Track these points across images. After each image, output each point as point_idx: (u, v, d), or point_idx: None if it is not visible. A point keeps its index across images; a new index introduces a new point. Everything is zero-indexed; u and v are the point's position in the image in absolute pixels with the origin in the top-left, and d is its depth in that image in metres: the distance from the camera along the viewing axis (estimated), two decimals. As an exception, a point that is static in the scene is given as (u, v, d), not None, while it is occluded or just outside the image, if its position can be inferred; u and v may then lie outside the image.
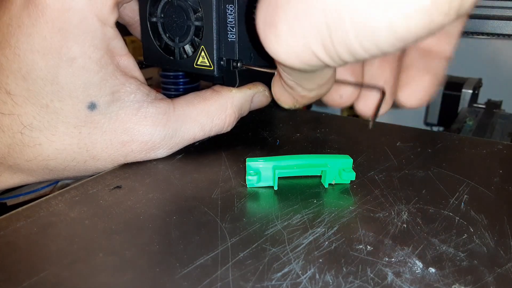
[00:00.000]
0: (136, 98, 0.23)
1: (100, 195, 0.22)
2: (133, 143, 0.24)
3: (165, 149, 0.25)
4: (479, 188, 0.23)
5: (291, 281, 0.16)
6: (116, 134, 0.23)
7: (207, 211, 0.20)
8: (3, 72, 0.21)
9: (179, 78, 0.42)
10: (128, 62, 0.24)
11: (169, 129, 0.24)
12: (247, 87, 0.28)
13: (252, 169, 0.23)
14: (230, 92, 0.27)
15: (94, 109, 0.22)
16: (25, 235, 0.18)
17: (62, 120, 0.22)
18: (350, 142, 0.30)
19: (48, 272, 0.16)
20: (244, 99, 0.27)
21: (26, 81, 0.21)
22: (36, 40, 0.20)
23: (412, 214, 0.20)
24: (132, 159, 0.24)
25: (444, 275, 0.16)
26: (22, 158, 0.22)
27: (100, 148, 0.23)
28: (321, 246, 0.18)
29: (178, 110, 0.25)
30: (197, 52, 0.27)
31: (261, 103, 0.29)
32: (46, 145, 0.22)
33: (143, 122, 0.23)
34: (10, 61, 0.20)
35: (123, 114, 0.23)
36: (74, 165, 0.23)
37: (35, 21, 0.20)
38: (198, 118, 0.25)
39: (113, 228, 0.19)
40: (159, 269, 0.16)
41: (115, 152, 0.23)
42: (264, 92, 0.29)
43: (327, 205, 0.21)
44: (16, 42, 0.20)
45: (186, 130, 0.25)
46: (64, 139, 0.22)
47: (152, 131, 0.24)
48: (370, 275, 0.16)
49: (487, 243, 0.18)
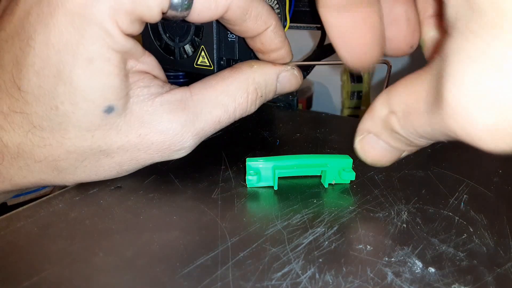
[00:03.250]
0: (151, 91, 0.22)
1: (100, 195, 0.22)
2: (152, 135, 0.22)
3: (190, 137, 0.23)
4: (479, 188, 0.23)
5: (291, 281, 0.16)
6: (132, 129, 0.22)
7: (207, 211, 0.20)
8: (17, 66, 0.19)
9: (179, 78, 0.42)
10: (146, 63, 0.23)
11: (188, 114, 0.22)
12: (271, 64, 0.25)
13: (252, 169, 0.23)
14: (251, 68, 0.24)
15: (111, 112, 0.21)
16: (25, 235, 0.18)
17: (74, 124, 0.20)
18: (350, 142, 0.30)
19: (48, 272, 0.16)
20: (268, 76, 0.25)
21: (38, 77, 0.19)
22: (52, 32, 0.19)
23: (412, 214, 0.20)
24: (156, 153, 0.23)
25: (444, 275, 0.16)
26: (32, 159, 0.21)
27: (115, 147, 0.22)
28: (321, 246, 0.18)
29: (196, 95, 0.23)
30: (197, 52, 0.27)
31: (290, 83, 0.26)
32: (56, 147, 0.21)
33: (159, 110, 0.22)
34: (24, 53, 0.19)
35: (138, 108, 0.22)
36: (85, 166, 0.22)
37: (54, 11, 0.18)
38: (218, 99, 0.23)
39: (113, 228, 0.19)
40: (159, 269, 0.16)
41: (133, 147, 0.22)
42: (292, 71, 0.26)
43: (327, 205, 0.21)
44: (33, 33, 0.19)
45: (208, 113, 0.23)
46: (76, 142, 0.21)
47: (171, 118, 0.22)
48: (370, 275, 0.16)
49: (487, 243, 0.18)
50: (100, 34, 0.19)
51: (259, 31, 0.23)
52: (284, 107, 0.38)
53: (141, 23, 0.20)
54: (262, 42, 0.24)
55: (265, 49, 0.24)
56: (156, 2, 0.19)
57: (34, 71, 0.19)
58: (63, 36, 0.19)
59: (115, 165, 0.22)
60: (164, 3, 0.19)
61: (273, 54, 0.25)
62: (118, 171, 0.23)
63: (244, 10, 0.22)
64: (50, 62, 0.19)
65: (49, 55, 0.19)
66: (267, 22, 0.23)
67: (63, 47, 0.19)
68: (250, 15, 0.22)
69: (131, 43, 0.20)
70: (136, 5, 0.19)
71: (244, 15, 0.22)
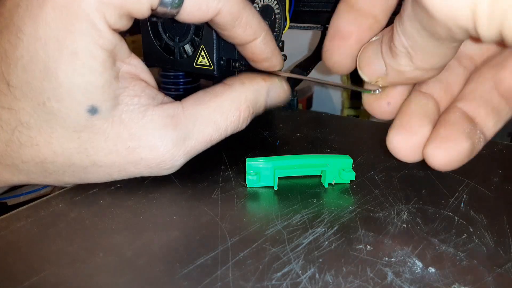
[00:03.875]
0: (141, 102, 0.21)
1: (100, 195, 0.22)
2: (142, 150, 0.21)
3: (181, 155, 0.22)
4: (479, 188, 0.23)
5: (291, 281, 0.16)
6: (121, 139, 0.21)
7: (207, 211, 0.20)
8: (6, 59, 0.19)
9: (179, 78, 0.42)
10: (133, 65, 0.22)
11: (180, 131, 0.22)
12: (261, 79, 0.25)
13: (252, 169, 0.23)
14: (243, 85, 0.24)
15: (95, 114, 0.20)
16: (25, 235, 0.18)
17: (60, 122, 0.20)
18: (350, 142, 0.30)
19: (48, 272, 0.16)
20: (259, 92, 0.25)
21: (26, 72, 0.19)
22: (40, 25, 0.18)
23: (411, 214, 0.20)
24: (145, 169, 0.22)
25: (444, 274, 0.16)
26: (19, 159, 0.21)
27: (103, 154, 0.21)
28: (321, 246, 0.18)
29: (188, 110, 0.23)
30: (197, 52, 0.27)
31: (279, 97, 0.26)
32: (43, 146, 0.20)
33: (150, 126, 0.21)
34: (13, 46, 0.19)
35: (127, 118, 0.21)
36: (72, 171, 0.21)
37: (43, 3, 0.18)
38: (211, 116, 0.23)
39: (113, 228, 0.19)
40: (159, 269, 0.16)
41: (121, 159, 0.21)
42: (281, 84, 0.26)
43: (327, 205, 0.21)
44: (22, 25, 0.19)
45: (200, 131, 0.23)
46: (63, 142, 0.20)
47: (162, 134, 0.21)
48: (370, 275, 0.16)
49: (487, 243, 0.18)
50: (87, 28, 0.19)
51: (248, 40, 0.23)
52: (284, 107, 0.38)
53: (130, 18, 0.20)
54: (253, 51, 0.24)
55: (256, 58, 0.25)
56: None
57: (22, 65, 0.19)
58: (51, 29, 0.18)
59: (104, 174, 0.22)
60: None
61: (264, 64, 0.25)
62: (108, 179, 0.23)
63: (234, 17, 0.22)
64: (37, 56, 0.19)
65: (36, 49, 0.19)
66: (256, 32, 0.23)
67: (50, 41, 0.19)
68: (240, 22, 0.22)
69: (118, 39, 0.20)
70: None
71: (234, 21, 0.22)
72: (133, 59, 0.22)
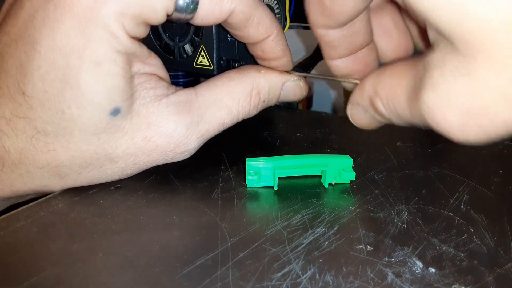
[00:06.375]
0: (156, 93, 0.22)
1: (100, 195, 0.22)
2: (158, 138, 0.22)
3: (195, 139, 0.23)
4: (479, 188, 0.23)
5: (291, 281, 0.16)
6: (138, 131, 0.22)
7: (207, 211, 0.20)
8: (21, 70, 0.19)
9: (179, 78, 0.42)
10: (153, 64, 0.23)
11: (193, 115, 0.22)
12: (278, 72, 0.25)
13: (252, 169, 0.23)
14: (258, 72, 0.25)
15: (118, 114, 0.21)
16: (25, 235, 0.18)
17: (80, 128, 0.20)
18: (350, 142, 0.30)
19: (48, 272, 0.16)
20: (274, 82, 0.25)
21: (44, 82, 0.19)
22: (59, 36, 0.19)
23: (412, 214, 0.20)
24: (159, 156, 0.22)
25: (444, 275, 0.16)
26: (34, 165, 0.21)
27: (120, 150, 0.22)
28: (321, 246, 0.18)
29: (201, 95, 0.23)
30: (197, 52, 0.27)
31: (294, 94, 0.26)
32: (60, 151, 0.21)
33: (165, 112, 0.22)
34: (29, 58, 0.19)
35: (144, 110, 0.22)
36: (89, 171, 0.22)
37: (61, 15, 0.18)
38: (223, 100, 0.23)
39: (113, 228, 0.19)
40: (159, 269, 0.16)
41: (137, 150, 0.22)
42: (298, 82, 0.26)
43: (327, 205, 0.21)
44: (38, 37, 0.19)
45: (212, 114, 0.23)
46: (81, 146, 0.21)
47: (176, 119, 0.22)
48: (370, 275, 0.16)
49: (487, 243, 0.18)
50: (107, 37, 0.19)
51: (260, 39, 0.23)
52: (284, 107, 0.38)
53: (147, 25, 0.20)
54: (263, 49, 0.24)
55: (266, 57, 0.25)
56: (162, 5, 0.19)
57: (40, 75, 0.19)
58: (70, 39, 0.19)
59: (118, 170, 0.22)
60: (169, 6, 0.19)
61: (274, 62, 0.25)
62: (119, 176, 0.23)
63: (247, 16, 0.22)
64: (56, 66, 0.19)
65: (56, 59, 0.19)
66: (269, 30, 0.23)
67: (70, 51, 0.19)
68: (253, 22, 0.22)
69: (137, 45, 0.20)
70: (142, 8, 0.19)
71: (246, 21, 0.22)
72: (152, 59, 0.23)
